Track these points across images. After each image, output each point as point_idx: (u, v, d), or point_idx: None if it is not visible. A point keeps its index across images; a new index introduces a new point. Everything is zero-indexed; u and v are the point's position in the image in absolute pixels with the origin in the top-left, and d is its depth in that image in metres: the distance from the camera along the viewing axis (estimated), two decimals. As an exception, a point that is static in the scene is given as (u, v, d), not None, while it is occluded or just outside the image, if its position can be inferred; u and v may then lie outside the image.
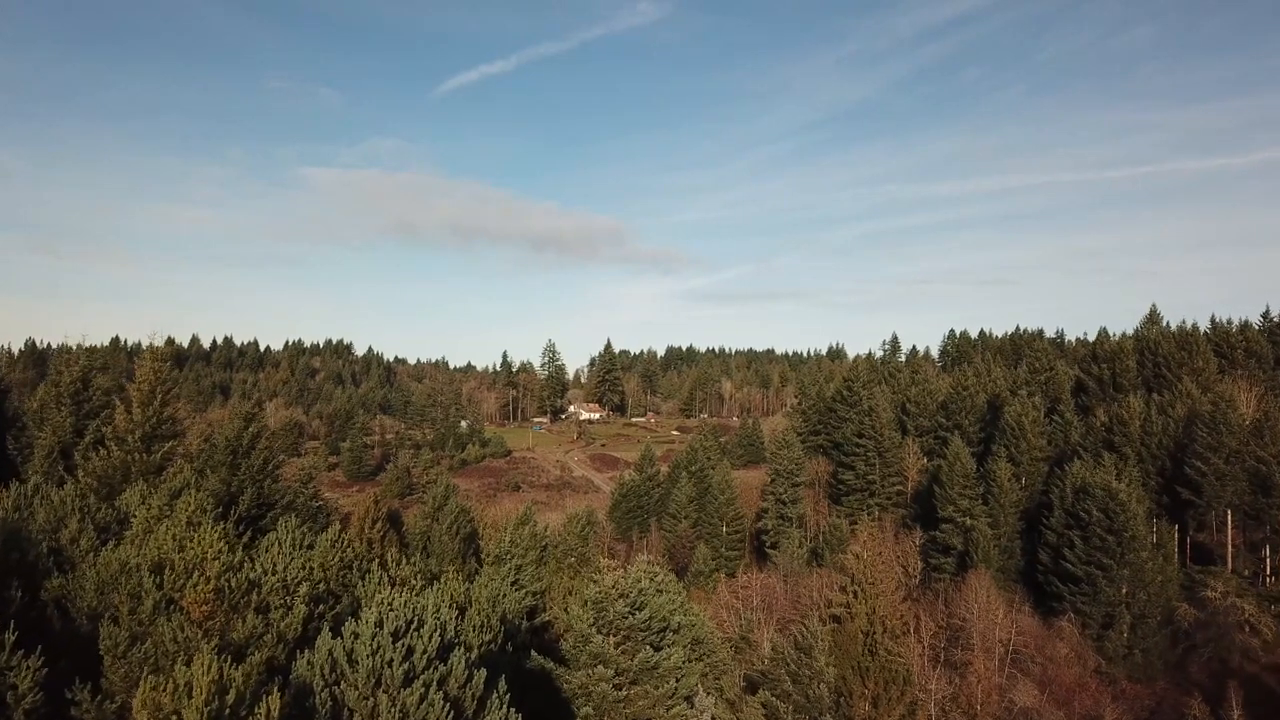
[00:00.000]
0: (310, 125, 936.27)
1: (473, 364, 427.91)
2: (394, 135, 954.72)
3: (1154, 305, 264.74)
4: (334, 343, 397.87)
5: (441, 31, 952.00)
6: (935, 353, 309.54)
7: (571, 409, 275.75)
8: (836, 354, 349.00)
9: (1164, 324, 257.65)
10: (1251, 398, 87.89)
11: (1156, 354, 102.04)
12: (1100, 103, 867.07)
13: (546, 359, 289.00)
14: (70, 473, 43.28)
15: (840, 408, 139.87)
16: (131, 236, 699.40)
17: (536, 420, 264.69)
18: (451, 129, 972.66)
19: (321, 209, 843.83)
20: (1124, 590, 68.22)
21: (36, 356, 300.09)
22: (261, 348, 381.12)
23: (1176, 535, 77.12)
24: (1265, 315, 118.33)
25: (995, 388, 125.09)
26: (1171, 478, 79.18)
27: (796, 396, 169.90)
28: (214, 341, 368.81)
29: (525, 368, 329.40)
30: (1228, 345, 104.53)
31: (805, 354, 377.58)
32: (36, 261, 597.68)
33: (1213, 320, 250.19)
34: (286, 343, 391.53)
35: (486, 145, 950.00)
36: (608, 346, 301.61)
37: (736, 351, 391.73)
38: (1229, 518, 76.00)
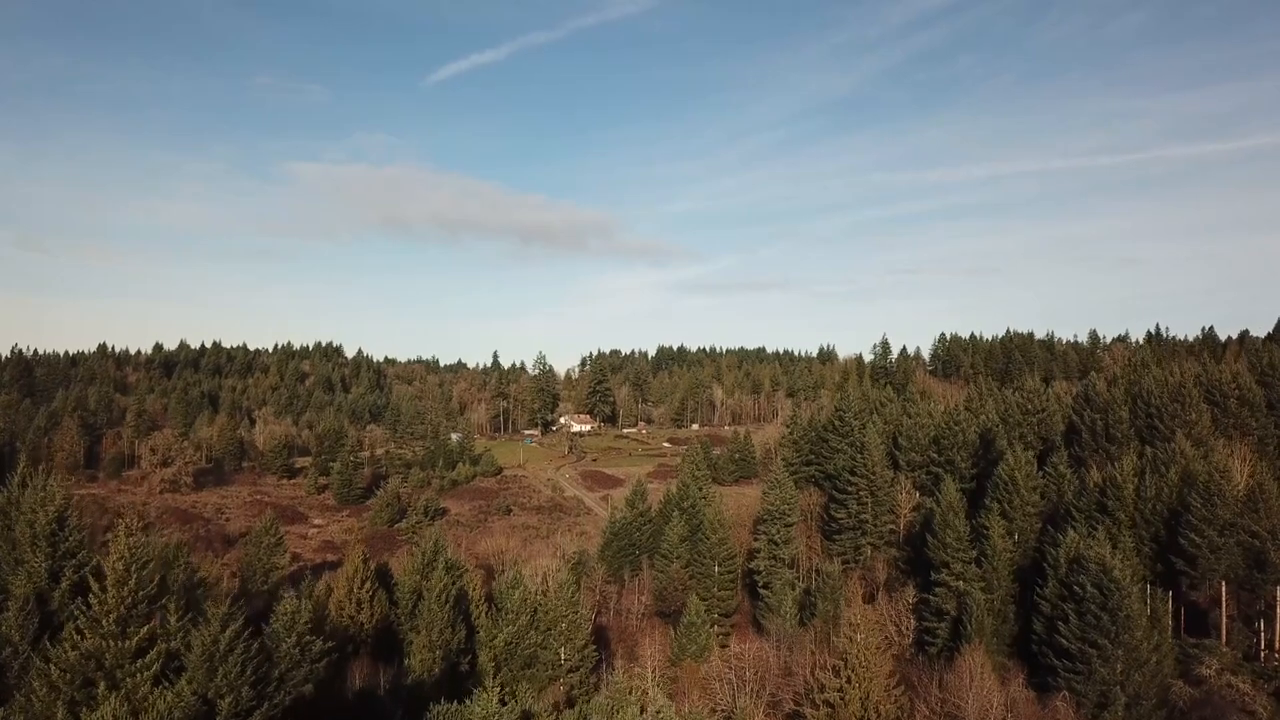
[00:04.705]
0: (297, 120, 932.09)
1: (463, 362, 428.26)
2: (381, 129, 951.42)
3: (1149, 329, 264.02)
4: (324, 345, 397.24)
5: (432, 21, 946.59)
6: (926, 354, 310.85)
7: (563, 421, 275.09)
8: (827, 356, 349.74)
9: (1162, 330, 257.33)
10: (1244, 455, 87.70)
11: (1149, 404, 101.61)
12: (1091, 90, 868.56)
13: (538, 371, 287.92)
14: (47, 627, 42.21)
15: (832, 438, 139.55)
16: (118, 233, 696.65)
17: (528, 433, 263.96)
18: (439, 122, 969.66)
19: (309, 205, 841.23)
20: (1119, 669, 67.81)
21: (23, 367, 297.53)
22: (251, 349, 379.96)
23: (1170, 604, 76.74)
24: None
25: (988, 421, 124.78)
26: (1165, 545, 78.85)
27: (787, 425, 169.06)
28: (202, 346, 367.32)
29: (515, 374, 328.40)
30: (1220, 394, 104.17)
31: (796, 354, 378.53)
32: (25, 258, 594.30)
33: (1203, 332, 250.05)
34: (276, 345, 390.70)
35: (474, 138, 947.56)
36: (598, 356, 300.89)
37: (727, 351, 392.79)
38: (1223, 589, 75.76)
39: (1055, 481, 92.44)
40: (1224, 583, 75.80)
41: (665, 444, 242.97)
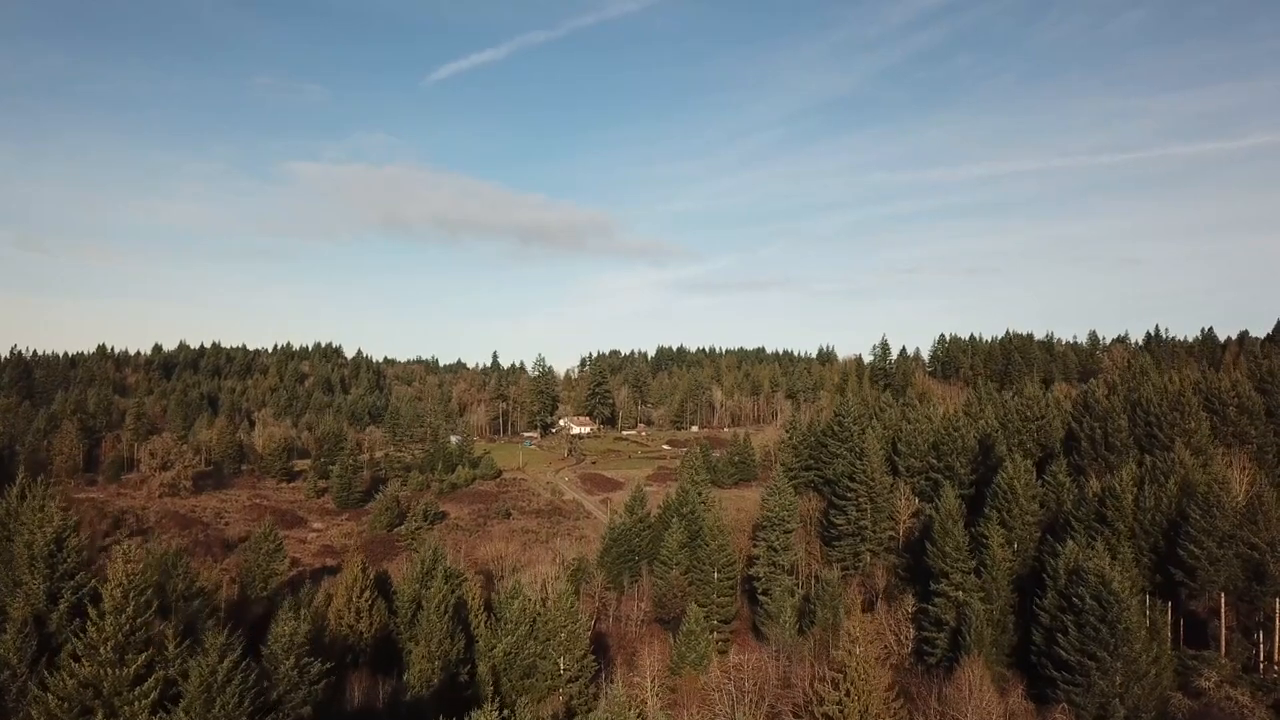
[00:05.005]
0: (297, 120, 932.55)
1: (463, 362, 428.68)
2: (380, 129, 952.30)
3: (1149, 330, 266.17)
4: (323, 346, 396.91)
5: (432, 21, 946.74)
6: (925, 355, 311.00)
7: (562, 423, 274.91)
8: (826, 356, 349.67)
9: (1162, 331, 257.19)
10: (1243, 464, 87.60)
11: (1149, 413, 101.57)
12: (1091, 89, 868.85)
13: (537, 372, 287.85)
14: (45, 649, 42.16)
15: (831, 443, 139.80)
16: (118, 233, 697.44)
17: (527, 435, 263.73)
18: (438, 121, 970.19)
19: (309, 204, 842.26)
20: (1118, 682, 67.80)
21: (22, 368, 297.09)
22: (250, 349, 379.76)
23: (1169, 615, 76.76)
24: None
25: (987, 426, 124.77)
26: (1164, 556, 78.81)
27: (786, 429, 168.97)
28: (201, 347, 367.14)
29: (515, 375, 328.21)
30: (1219, 402, 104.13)
31: (796, 354, 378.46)
32: (25, 258, 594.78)
33: (1203, 333, 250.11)
34: (275, 346, 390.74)
35: (473, 137, 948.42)
36: (597, 357, 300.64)
37: (727, 351, 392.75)
38: (1222, 600, 75.75)
39: (1054, 490, 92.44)
40: (1223, 594, 75.79)
41: (665, 446, 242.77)
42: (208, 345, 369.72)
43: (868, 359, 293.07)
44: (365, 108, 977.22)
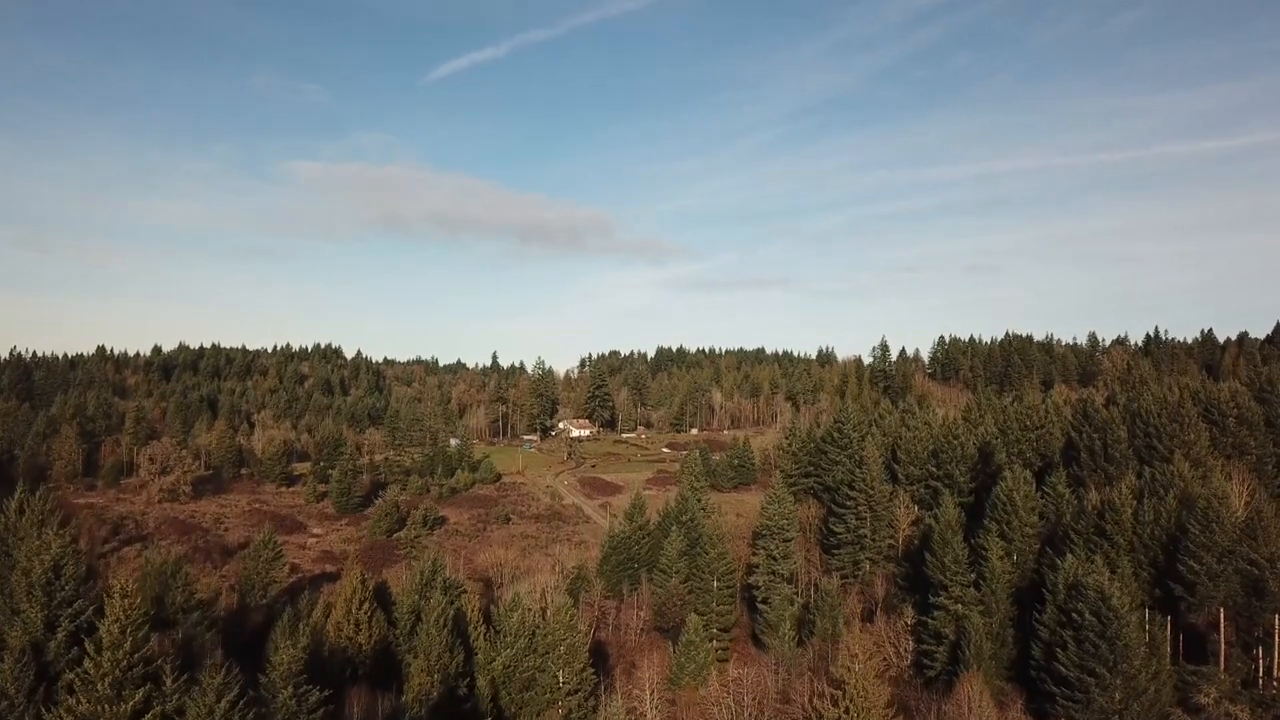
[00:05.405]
0: (296, 119, 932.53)
1: (463, 362, 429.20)
2: (380, 128, 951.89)
3: (1148, 332, 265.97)
4: (323, 347, 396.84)
5: (431, 20, 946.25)
6: (925, 356, 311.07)
7: (562, 426, 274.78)
8: (826, 358, 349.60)
9: (1161, 332, 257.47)
10: (1242, 476, 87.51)
11: (1148, 424, 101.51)
12: (1090, 87, 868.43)
13: (537, 374, 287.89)
14: (43, 678, 42.13)
15: (831, 450, 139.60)
16: (118, 233, 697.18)
17: (527, 438, 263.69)
18: (438, 121, 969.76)
19: (308, 204, 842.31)
20: (1117, 698, 67.78)
21: (21, 370, 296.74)
22: (250, 350, 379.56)
23: (1169, 629, 76.69)
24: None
25: (986, 433, 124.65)
26: (1164, 570, 78.75)
27: (785, 435, 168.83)
28: (201, 348, 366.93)
29: (514, 376, 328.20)
30: (1219, 413, 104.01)
31: (796, 355, 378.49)
32: (24, 258, 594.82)
33: (1202, 334, 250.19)
34: (275, 347, 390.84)
35: (473, 136, 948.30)
36: (597, 359, 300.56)
37: (727, 351, 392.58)
38: (1222, 615, 75.71)
39: (1054, 502, 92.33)
40: (1222, 610, 75.72)
41: (664, 449, 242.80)
42: (207, 346, 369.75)
43: (867, 360, 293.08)
44: (365, 107, 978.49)
